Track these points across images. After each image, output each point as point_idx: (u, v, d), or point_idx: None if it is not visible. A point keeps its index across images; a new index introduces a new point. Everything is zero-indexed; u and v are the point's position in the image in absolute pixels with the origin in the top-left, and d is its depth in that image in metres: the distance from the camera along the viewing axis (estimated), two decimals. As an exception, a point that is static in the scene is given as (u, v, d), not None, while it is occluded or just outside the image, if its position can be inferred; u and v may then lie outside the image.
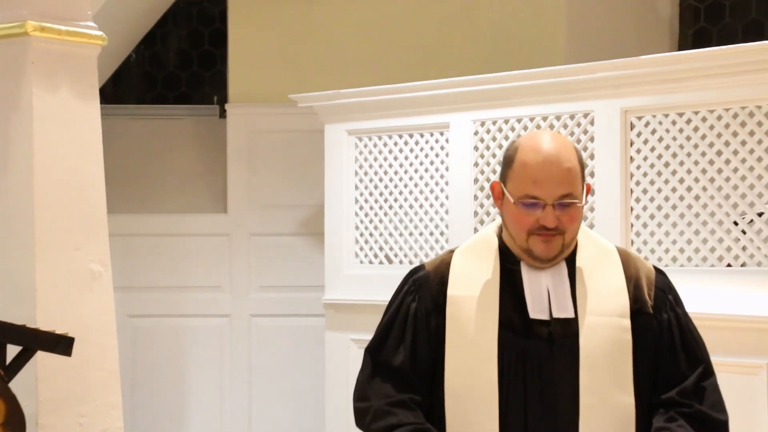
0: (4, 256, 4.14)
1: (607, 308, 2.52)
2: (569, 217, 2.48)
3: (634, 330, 2.52)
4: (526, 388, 2.49)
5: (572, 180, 2.48)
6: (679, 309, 2.60)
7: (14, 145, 4.11)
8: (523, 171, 2.49)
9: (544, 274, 2.54)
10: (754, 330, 4.35)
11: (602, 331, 2.50)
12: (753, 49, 4.49)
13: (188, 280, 6.73)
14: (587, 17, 6.35)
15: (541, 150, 2.49)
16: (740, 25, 6.37)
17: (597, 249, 2.62)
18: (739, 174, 4.50)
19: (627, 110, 4.78)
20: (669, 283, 2.63)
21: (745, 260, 4.49)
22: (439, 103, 5.38)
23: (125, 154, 6.66)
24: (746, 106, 4.48)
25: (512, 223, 2.53)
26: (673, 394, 2.50)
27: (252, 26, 6.73)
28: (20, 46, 4.06)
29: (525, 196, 2.48)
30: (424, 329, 2.58)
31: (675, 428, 2.45)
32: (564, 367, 2.49)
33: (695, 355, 2.56)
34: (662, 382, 2.53)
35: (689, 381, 2.51)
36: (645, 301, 2.55)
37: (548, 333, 2.51)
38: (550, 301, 2.53)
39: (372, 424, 2.51)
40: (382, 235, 5.64)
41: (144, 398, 6.61)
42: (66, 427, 3.96)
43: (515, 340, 2.51)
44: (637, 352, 2.51)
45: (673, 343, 2.55)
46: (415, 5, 6.56)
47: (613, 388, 2.48)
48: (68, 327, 3.62)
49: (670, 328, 2.56)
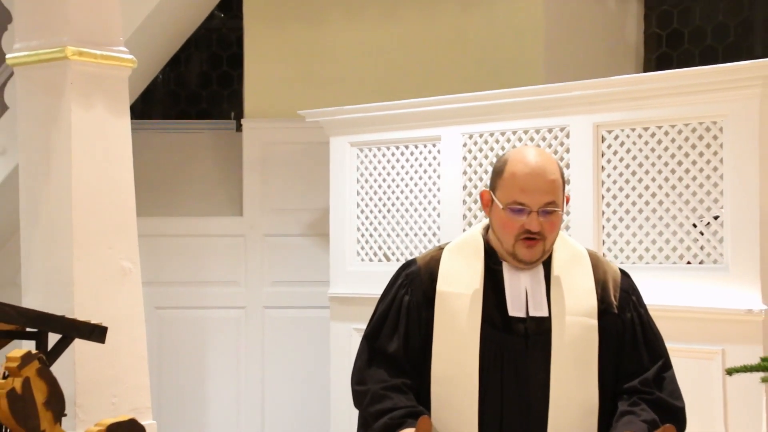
0: (46, 255, 4.15)
1: (577, 309, 2.53)
2: (550, 223, 2.50)
3: (600, 329, 2.53)
4: (502, 377, 2.50)
5: (555, 190, 2.50)
6: (641, 309, 2.61)
7: (55, 157, 4.12)
8: (512, 180, 2.50)
9: (523, 275, 2.55)
10: (711, 320, 4.36)
11: (572, 329, 2.51)
12: (708, 72, 4.52)
13: (208, 275, 6.72)
14: (563, 42, 6.35)
15: (528, 163, 2.50)
16: (697, 51, 6.38)
17: (570, 252, 2.62)
18: (698, 182, 4.51)
19: (599, 125, 4.78)
20: (633, 285, 2.64)
21: (703, 258, 4.50)
22: (432, 118, 5.37)
23: (152, 164, 6.65)
24: (703, 121, 4.50)
25: (500, 228, 2.53)
26: (636, 383, 2.51)
27: (265, 50, 6.73)
28: (60, 69, 4.08)
29: (513, 202, 2.49)
30: (416, 319, 2.58)
31: (639, 411, 2.45)
32: (537, 361, 2.50)
33: (655, 350, 2.57)
34: (625, 374, 2.53)
35: (650, 372, 2.52)
36: (611, 302, 2.56)
37: (524, 329, 2.52)
38: (527, 301, 2.53)
39: (369, 407, 2.52)
40: (381, 236, 5.64)
41: (169, 381, 6.61)
42: (100, 406, 3.97)
43: (495, 334, 2.51)
44: (602, 348, 2.52)
45: (636, 340, 2.56)
46: (410, 31, 6.56)
47: (580, 381, 2.49)
48: (102, 317, 3.63)
49: (633, 326, 2.57)
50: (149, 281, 5.76)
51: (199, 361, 6.73)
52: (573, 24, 6.39)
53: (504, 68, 6.23)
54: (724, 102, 4.42)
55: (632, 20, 6.60)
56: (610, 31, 6.53)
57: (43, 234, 4.17)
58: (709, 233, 4.49)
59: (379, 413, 2.47)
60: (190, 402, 6.69)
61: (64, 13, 4.07)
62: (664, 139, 4.60)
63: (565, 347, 2.49)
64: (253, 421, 6.69)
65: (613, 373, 2.53)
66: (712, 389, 4.32)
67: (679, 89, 4.54)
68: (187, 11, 6.59)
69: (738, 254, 4.36)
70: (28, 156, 4.28)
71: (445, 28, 6.50)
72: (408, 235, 5.53)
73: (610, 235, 4.74)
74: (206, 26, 7.07)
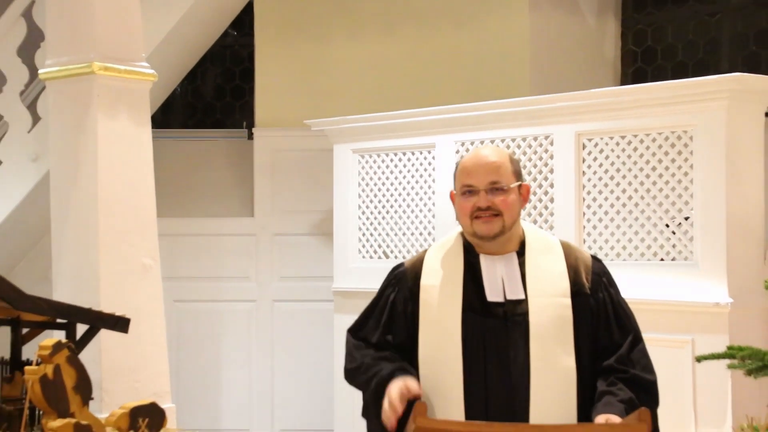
0: (74, 253, 4.16)
1: (551, 290, 2.54)
2: (502, 201, 2.51)
3: (574, 307, 2.53)
4: (485, 358, 2.49)
5: (499, 171, 2.53)
6: (612, 289, 2.61)
7: (82, 163, 4.13)
8: (461, 169, 2.57)
9: (498, 263, 2.55)
10: (682, 312, 4.37)
11: (547, 309, 2.52)
12: (679, 85, 4.52)
13: (222, 271, 6.71)
14: (547, 57, 6.35)
15: (475, 154, 2.59)
16: (669, 66, 6.38)
17: (542, 241, 2.63)
18: (670, 186, 4.52)
19: (580, 133, 4.78)
20: (604, 268, 2.64)
21: (675, 255, 4.50)
22: (427, 127, 5.38)
23: (171, 169, 6.64)
24: (675, 130, 4.50)
25: (459, 213, 2.57)
26: (612, 362, 2.51)
27: (274, 65, 6.73)
28: (88, 83, 4.08)
29: (462, 186, 2.54)
30: (401, 313, 2.59)
31: (616, 391, 2.45)
32: (517, 340, 2.50)
33: (626, 326, 2.57)
34: (601, 349, 2.54)
35: (624, 349, 2.52)
36: (583, 284, 2.56)
37: (503, 312, 2.52)
38: (504, 286, 2.54)
39: (361, 377, 2.55)
40: (381, 235, 5.64)
41: (187, 368, 6.60)
42: (124, 390, 3.98)
43: (476, 319, 2.52)
44: (577, 325, 2.52)
45: (608, 317, 2.56)
46: (407, 47, 6.55)
47: (558, 355, 2.49)
48: (125, 310, 3.62)
49: (605, 305, 2.57)
50: (168, 276, 5.76)
51: (214, 350, 6.73)
52: (556, 41, 6.40)
53: (493, 81, 6.23)
54: (694, 113, 4.43)
55: (610, 38, 6.61)
56: (590, 47, 6.54)
57: (72, 234, 4.17)
58: (681, 232, 4.50)
59: (370, 378, 2.51)
60: (206, 387, 6.68)
61: (91, 32, 4.08)
62: (639, 146, 4.61)
63: (541, 326, 2.49)
64: (263, 404, 6.68)
65: (590, 350, 2.53)
66: (683, 375, 4.34)
67: (653, 101, 4.55)
68: (203, 30, 6.59)
69: (706, 252, 4.37)
70: (58, 162, 4.29)
71: (439, 45, 6.50)
72: (405, 234, 5.53)
73: (591, 234, 4.76)
74: (220, 43, 7.07)
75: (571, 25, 6.46)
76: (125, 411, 2.84)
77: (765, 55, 6.09)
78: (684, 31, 6.38)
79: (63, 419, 2.71)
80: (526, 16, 6.25)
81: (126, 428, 2.82)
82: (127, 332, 3.12)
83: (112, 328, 3.05)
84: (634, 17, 6.58)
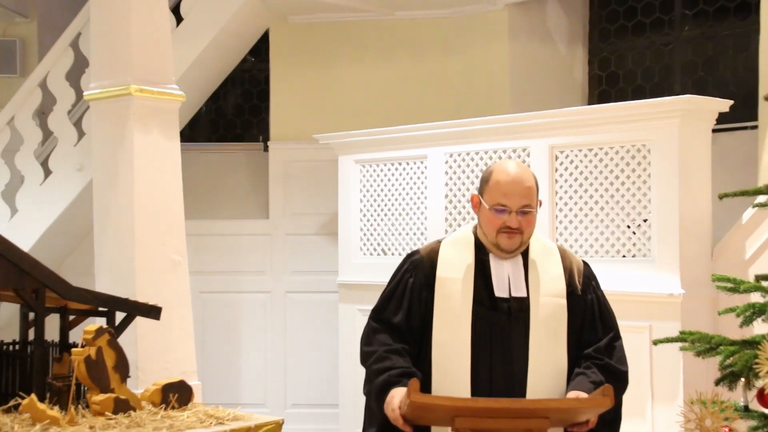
0: (114, 250, 4.15)
1: (549, 290, 2.52)
2: (527, 221, 2.49)
3: (568, 307, 2.51)
4: (491, 345, 2.48)
5: (531, 195, 2.49)
6: (599, 291, 2.60)
7: (120, 172, 4.13)
8: (496, 187, 2.49)
9: (506, 264, 2.53)
10: (641, 302, 4.38)
11: (546, 307, 2.50)
12: (638, 105, 4.53)
13: (241, 266, 6.69)
14: (524, 80, 6.35)
15: (509, 173, 2.49)
16: (630, 89, 6.40)
17: (543, 246, 2.60)
18: (631, 192, 4.53)
19: (553, 146, 4.79)
20: (592, 273, 2.63)
21: (635, 253, 4.51)
22: (420, 141, 5.38)
23: (197, 178, 6.64)
24: (635, 144, 4.51)
25: (486, 224, 2.51)
26: (590, 351, 2.50)
27: (286, 87, 6.72)
28: (125, 102, 4.08)
29: (497, 204, 2.48)
30: (417, 298, 2.54)
31: (589, 373, 2.45)
32: (518, 332, 2.48)
33: (609, 325, 2.56)
34: (584, 343, 2.53)
35: (603, 342, 2.51)
36: (576, 286, 2.55)
37: (508, 308, 2.50)
38: (509, 284, 2.51)
39: (374, 365, 2.50)
40: (380, 234, 5.64)
41: (210, 350, 6.59)
42: (156, 369, 3.97)
43: (484, 312, 2.49)
44: (569, 323, 2.51)
45: (594, 316, 2.55)
46: (403, 71, 6.55)
47: (552, 349, 2.48)
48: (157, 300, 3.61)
49: (592, 306, 2.56)
50: (194, 271, 5.75)
51: (234, 335, 6.72)
52: (532, 66, 6.40)
53: (477, 101, 6.23)
54: (651, 129, 4.43)
55: (579, 64, 6.62)
56: (561, 72, 6.54)
57: (112, 234, 4.17)
58: (640, 233, 4.51)
59: (381, 370, 2.45)
60: (227, 367, 6.67)
61: (129, 59, 4.08)
62: (604, 158, 4.62)
63: (540, 321, 2.48)
64: (277, 381, 6.67)
65: (577, 342, 2.52)
66: (642, 357, 4.35)
67: (616, 119, 4.56)
68: (225, 56, 6.60)
69: (662, 250, 4.38)
70: (99, 172, 4.28)
71: (431, 69, 6.50)
72: (401, 234, 5.54)
73: (562, 234, 4.76)
74: (240, 68, 7.06)
75: (544, 53, 6.47)
76: (158, 387, 2.86)
77: (711, 80, 6.10)
78: (642, 59, 6.40)
79: (104, 394, 2.72)
80: (506, 44, 6.26)
81: (158, 402, 2.83)
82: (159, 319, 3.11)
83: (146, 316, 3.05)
84: (599, 46, 6.59)
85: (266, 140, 6.87)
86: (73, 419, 2.59)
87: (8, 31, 6.96)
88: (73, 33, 6.11)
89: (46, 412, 2.56)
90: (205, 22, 6.07)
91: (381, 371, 2.45)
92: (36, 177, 6.09)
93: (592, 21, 6.62)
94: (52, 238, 6.10)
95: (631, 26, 6.44)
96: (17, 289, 2.73)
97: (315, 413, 6.57)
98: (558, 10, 6.51)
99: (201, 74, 6.33)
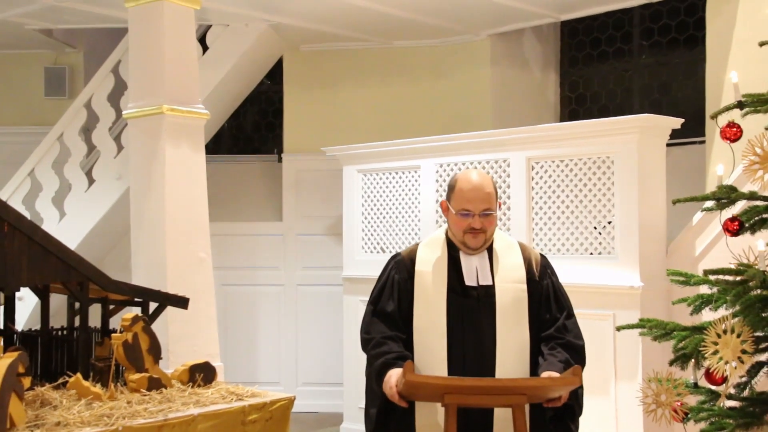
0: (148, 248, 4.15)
1: (511, 278, 2.53)
2: (489, 222, 2.51)
3: (528, 292, 2.53)
4: (463, 328, 2.49)
5: (490, 200, 2.51)
6: (553, 277, 2.61)
7: (153, 181, 4.13)
8: (460, 194, 2.52)
9: (473, 258, 2.55)
10: (606, 293, 4.37)
11: (509, 292, 2.51)
12: (603, 123, 4.53)
13: (258, 262, 6.68)
14: (504, 100, 6.35)
15: (471, 181, 2.52)
16: (596, 108, 6.41)
17: (506, 242, 2.62)
18: (597, 198, 4.52)
19: (530, 158, 4.78)
20: (548, 262, 2.65)
21: (600, 250, 4.50)
22: (414, 153, 5.37)
23: (220, 185, 6.65)
24: (600, 156, 4.50)
25: (454, 226, 2.54)
26: (552, 331, 2.52)
27: (298, 106, 6.73)
28: (158, 120, 4.08)
29: (462, 209, 2.50)
30: (404, 290, 2.56)
31: (556, 354, 2.46)
32: (487, 315, 2.49)
33: (562, 304, 2.58)
34: (542, 320, 2.53)
35: (560, 321, 2.53)
36: (534, 273, 2.56)
37: (477, 294, 2.51)
38: (477, 275, 2.53)
39: (372, 350, 2.51)
40: (379, 235, 5.62)
41: (231, 335, 6.58)
42: (185, 352, 3.97)
43: (457, 298, 2.51)
44: (529, 304, 2.52)
45: (549, 298, 2.56)
46: (399, 92, 6.56)
47: (516, 326, 2.49)
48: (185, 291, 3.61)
49: (548, 289, 2.57)
50: (217, 266, 5.75)
51: (252, 322, 6.72)
52: (511, 88, 6.41)
53: (464, 118, 6.24)
54: (614, 144, 4.43)
55: (551, 86, 6.63)
56: (536, 93, 6.56)
57: (146, 234, 4.17)
58: (605, 233, 4.51)
59: (379, 354, 2.47)
60: (246, 350, 6.67)
61: (161, 83, 4.09)
62: (574, 168, 4.62)
63: (504, 304, 2.49)
64: (289, 362, 6.67)
65: (538, 321, 2.53)
66: (606, 341, 4.33)
67: (584, 134, 4.56)
68: (244, 80, 6.60)
69: (624, 248, 4.37)
70: (136, 180, 4.29)
71: (423, 91, 6.50)
72: (398, 234, 5.53)
73: (538, 234, 4.75)
74: (257, 90, 7.07)
75: (522, 77, 6.48)
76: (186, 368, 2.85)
77: (665, 101, 6.11)
78: (606, 82, 6.41)
79: (140, 374, 2.71)
80: (488, 69, 6.26)
81: (186, 381, 2.83)
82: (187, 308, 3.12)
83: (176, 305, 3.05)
84: (569, 71, 6.60)
85: (280, 152, 6.87)
86: (113, 395, 2.59)
87: (59, 59, 7.05)
88: (114, 61, 6.14)
89: (89, 388, 2.56)
90: (227, 51, 6.09)
91: (379, 355, 2.47)
92: (81, 185, 6.10)
93: (562, 50, 6.63)
94: (95, 238, 6.10)
95: (596, 54, 6.45)
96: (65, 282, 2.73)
97: (322, 390, 6.57)
98: (533, 40, 6.52)
99: (223, 95, 6.34)
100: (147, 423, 2.37)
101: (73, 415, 2.34)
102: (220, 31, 6.11)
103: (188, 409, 2.52)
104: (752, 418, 2.66)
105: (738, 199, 2.77)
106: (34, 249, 2.57)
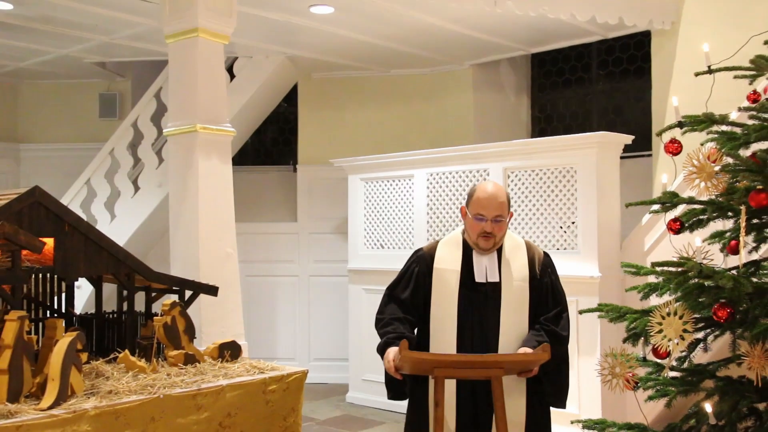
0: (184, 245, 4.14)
1: (517, 276, 2.49)
2: (499, 227, 2.47)
3: (530, 289, 2.49)
4: (472, 318, 2.46)
5: (502, 208, 2.47)
6: (554, 276, 2.56)
7: (188, 188, 4.12)
8: (477, 201, 2.48)
9: (484, 257, 2.51)
10: (570, 282, 4.28)
11: (513, 289, 2.47)
12: (567, 139, 4.55)
13: (276, 257, 6.67)
14: (485, 119, 6.36)
15: (487, 191, 2.48)
16: (561, 126, 6.43)
17: (514, 242, 2.57)
18: (563, 202, 4.54)
19: (506, 168, 4.80)
20: (550, 261, 2.59)
21: (566, 246, 4.52)
22: (408, 164, 5.38)
23: (245, 191, 6.65)
24: (565, 167, 4.53)
25: (470, 229, 2.51)
26: (541, 320, 2.48)
27: (310, 125, 6.73)
28: (192, 137, 4.06)
29: (477, 214, 2.47)
30: (422, 283, 2.53)
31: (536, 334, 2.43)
32: (493, 308, 2.46)
33: (559, 301, 2.53)
34: (540, 314, 2.50)
35: (552, 313, 2.49)
36: (537, 272, 2.52)
37: (485, 290, 2.48)
38: (486, 272, 2.49)
39: (381, 329, 2.49)
40: (379, 233, 5.64)
41: (254, 320, 6.56)
42: (215, 333, 3.95)
43: (467, 293, 2.48)
44: (530, 300, 2.49)
45: (547, 295, 2.52)
46: (395, 113, 6.56)
47: (517, 318, 2.46)
48: (215, 281, 3.65)
49: (547, 287, 2.53)
50: (242, 260, 5.77)
51: (271, 308, 6.71)
52: (490, 110, 6.42)
53: (450, 135, 6.26)
54: (577, 157, 4.45)
55: (524, 108, 6.64)
56: (511, 114, 6.57)
57: (182, 233, 4.16)
58: (570, 231, 4.53)
59: (384, 333, 2.46)
60: (266, 332, 6.66)
61: (195, 105, 4.08)
62: (543, 177, 4.64)
63: (508, 299, 2.46)
64: (303, 341, 6.65)
65: (535, 314, 2.49)
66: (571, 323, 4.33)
67: (551, 148, 4.58)
68: (264, 103, 6.61)
69: (585, 244, 4.39)
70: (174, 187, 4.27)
71: (416, 112, 6.52)
72: (394, 233, 5.54)
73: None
74: (276, 111, 7.07)
75: (499, 100, 6.49)
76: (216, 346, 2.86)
77: (618, 121, 6.12)
78: (570, 105, 6.42)
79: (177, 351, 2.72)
80: (470, 94, 6.26)
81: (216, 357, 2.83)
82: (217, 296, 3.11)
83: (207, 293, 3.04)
84: (538, 95, 6.62)
85: (295, 164, 6.87)
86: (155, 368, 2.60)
87: (111, 87, 7.14)
88: (156, 87, 6.18)
89: (136, 363, 2.57)
90: (250, 79, 6.09)
91: (384, 333, 2.47)
92: (128, 192, 6.11)
93: (533, 77, 6.64)
94: (140, 236, 6.11)
95: (561, 81, 6.47)
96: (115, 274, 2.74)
97: (331, 365, 6.56)
98: (508, 69, 6.54)
99: (247, 116, 6.35)
100: (183, 392, 2.38)
101: (122, 384, 2.36)
102: (245, 62, 6.13)
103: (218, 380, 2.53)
104: (691, 386, 2.68)
105: (679, 203, 2.79)
106: (90, 246, 2.58)
